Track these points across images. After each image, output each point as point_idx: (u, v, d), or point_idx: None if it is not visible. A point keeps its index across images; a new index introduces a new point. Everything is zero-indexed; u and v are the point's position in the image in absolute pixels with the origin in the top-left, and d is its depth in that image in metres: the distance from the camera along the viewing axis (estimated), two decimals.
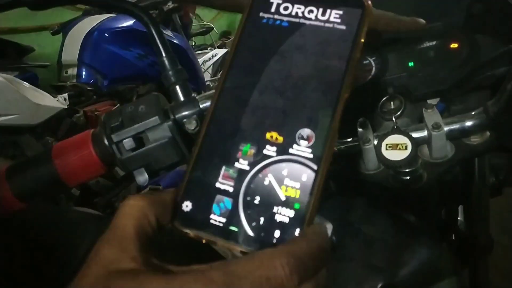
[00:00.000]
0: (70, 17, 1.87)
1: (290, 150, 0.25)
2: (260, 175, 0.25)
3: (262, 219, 0.24)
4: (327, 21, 0.27)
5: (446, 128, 0.52)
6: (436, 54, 0.57)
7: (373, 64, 0.62)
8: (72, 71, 1.68)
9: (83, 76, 1.66)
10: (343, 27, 0.27)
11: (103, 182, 1.27)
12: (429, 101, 0.58)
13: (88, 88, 1.56)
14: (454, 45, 0.58)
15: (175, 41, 1.86)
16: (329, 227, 0.43)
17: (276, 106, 0.26)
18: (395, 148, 0.51)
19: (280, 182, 0.25)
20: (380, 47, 0.56)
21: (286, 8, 0.28)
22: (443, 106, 0.55)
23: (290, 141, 0.25)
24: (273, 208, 0.24)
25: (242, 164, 0.26)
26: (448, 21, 0.60)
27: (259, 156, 0.26)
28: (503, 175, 0.64)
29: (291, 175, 0.25)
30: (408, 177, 0.55)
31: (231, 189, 0.25)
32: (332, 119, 0.25)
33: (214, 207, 0.25)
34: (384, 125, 0.59)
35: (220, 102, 0.27)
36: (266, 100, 0.27)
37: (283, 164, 0.25)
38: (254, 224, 0.24)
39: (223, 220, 0.25)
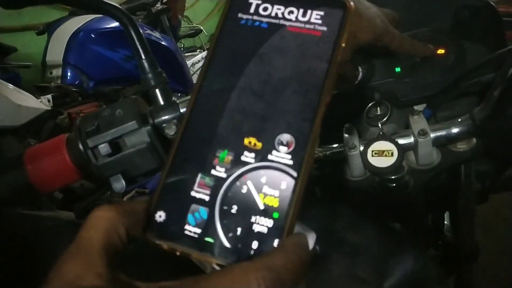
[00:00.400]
0: (56, 17, 1.84)
1: (269, 157, 0.24)
2: (237, 183, 0.24)
3: (239, 230, 0.23)
4: (308, 22, 0.26)
5: (432, 135, 0.51)
6: (423, 59, 0.57)
7: (360, 69, 0.61)
8: (57, 72, 1.64)
9: (68, 77, 1.63)
10: (324, 28, 0.26)
11: (87, 185, 1.24)
12: (415, 107, 0.57)
13: (73, 89, 1.53)
14: (440, 51, 0.57)
15: (163, 43, 1.84)
16: (312, 237, 0.42)
17: (255, 111, 0.25)
18: (381, 154, 0.50)
19: (259, 190, 0.24)
20: (367, 52, 0.55)
21: (265, 9, 0.27)
22: (429, 112, 0.54)
23: (269, 147, 0.24)
24: (251, 218, 0.23)
25: (219, 172, 0.24)
26: (435, 27, 0.59)
27: (237, 163, 0.24)
28: (489, 182, 0.63)
29: (270, 183, 0.24)
30: (394, 184, 0.54)
31: (207, 198, 0.24)
32: (312, 124, 0.24)
33: (189, 217, 0.24)
34: (370, 131, 0.59)
35: (197, 106, 0.26)
36: (244, 104, 0.25)
37: (262, 171, 0.24)
38: (230, 235, 0.23)
39: (199, 231, 0.24)
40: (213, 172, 0.25)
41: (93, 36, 1.66)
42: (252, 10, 0.27)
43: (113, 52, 1.66)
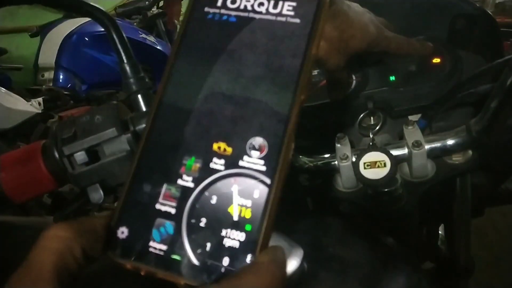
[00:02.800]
0: (51, 19, 1.82)
1: (240, 163, 0.22)
2: (206, 193, 0.22)
3: (208, 245, 0.21)
4: (279, 14, 0.24)
5: (427, 146, 0.50)
6: (418, 68, 0.56)
7: (353, 77, 0.60)
8: (49, 75, 1.62)
9: (60, 80, 1.61)
10: (297, 20, 0.24)
11: (77, 189, 1.21)
12: (410, 117, 0.55)
13: (65, 92, 1.51)
14: (436, 60, 0.56)
15: (158, 47, 1.82)
16: (299, 254, 0.40)
17: (224, 113, 0.23)
18: (374, 166, 0.48)
19: (229, 200, 0.22)
20: (361, 60, 0.54)
21: (233, 2, 0.25)
22: (424, 123, 0.53)
23: (240, 152, 0.22)
24: (221, 231, 0.21)
25: (186, 181, 0.22)
26: (431, 35, 0.58)
27: (205, 171, 0.22)
28: (485, 195, 0.62)
29: (241, 192, 0.22)
30: (387, 197, 0.52)
31: (173, 211, 0.22)
32: (287, 125, 0.22)
33: (154, 232, 0.22)
34: (363, 141, 0.57)
35: (161, 110, 0.24)
36: (212, 106, 0.24)
37: (232, 179, 0.22)
38: (199, 251, 0.21)
39: (164, 247, 0.22)
40: (179, 182, 0.23)
41: (86, 39, 1.64)
42: (219, 3, 0.25)
43: (107, 56, 1.64)
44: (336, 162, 0.53)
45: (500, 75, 0.46)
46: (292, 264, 0.38)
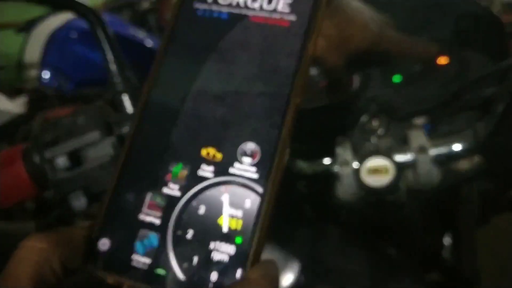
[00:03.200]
0: (37, 14, 1.77)
1: (231, 170, 0.21)
2: (193, 203, 0.21)
3: (195, 259, 0.20)
4: (274, 11, 0.23)
5: (432, 152, 0.48)
6: (423, 69, 0.54)
7: (355, 78, 0.58)
8: (34, 73, 1.58)
9: (46, 78, 1.56)
10: (293, 18, 0.23)
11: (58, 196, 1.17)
12: (414, 121, 0.53)
13: (51, 91, 1.47)
14: (442, 61, 0.54)
15: (147, 44, 1.78)
16: (295, 267, 0.37)
17: (214, 116, 0.22)
18: (376, 172, 0.46)
19: (218, 211, 0.21)
20: (363, 59, 0.51)
21: None
22: (429, 127, 0.50)
23: (230, 158, 0.22)
24: (209, 244, 0.20)
25: (172, 189, 0.22)
26: (436, 36, 0.56)
27: (193, 179, 0.22)
28: (492, 202, 0.60)
29: (231, 201, 0.21)
30: (389, 205, 0.50)
31: (158, 222, 0.21)
32: (281, 130, 0.21)
33: (137, 245, 0.21)
34: (365, 146, 0.54)
35: (146, 112, 0.23)
36: (201, 108, 0.22)
37: (222, 188, 0.21)
38: (185, 265, 0.20)
39: (148, 261, 0.21)
40: (165, 190, 0.21)
41: (74, 35, 1.59)
42: None
43: (96, 53, 1.58)
44: (336, 168, 0.50)
45: (507, 77, 0.45)
46: (288, 278, 0.36)
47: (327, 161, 0.52)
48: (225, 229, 0.21)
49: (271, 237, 0.36)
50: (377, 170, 0.47)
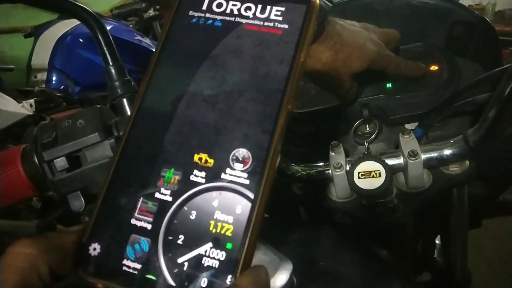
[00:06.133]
0: (46, 20, 1.80)
1: (223, 176, 0.21)
2: (185, 208, 0.21)
3: (186, 264, 0.20)
4: (267, 19, 0.23)
5: (423, 156, 0.48)
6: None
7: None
8: (42, 76, 1.60)
9: (53, 82, 1.58)
10: (286, 26, 0.23)
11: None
12: (407, 126, 0.54)
13: (58, 94, 1.48)
14: (434, 67, 0.55)
15: (153, 50, 1.80)
16: (288, 268, 0.38)
17: (207, 122, 0.22)
18: (368, 176, 0.47)
19: (210, 216, 0.21)
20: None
21: (219, 5, 0.24)
22: (421, 132, 0.51)
23: (222, 164, 0.21)
24: (200, 250, 0.20)
25: (164, 194, 0.21)
26: (429, 42, 0.57)
27: (185, 184, 0.21)
28: (482, 206, 0.60)
29: (223, 207, 0.21)
30: (382, 208, 0.50)
31: (149, 227, 0.21)
32: (272, 136, 0.21)
33: (128, 250, 0.21)
34: (358, 150, 0.55)
35: (140, 117, 0.23)
36: (194, 114, 0.22)
37: (214, 193, 0.21)
38: (176, 270, 0.20)
39: (139, 266, 0.20)
40: (157, 195, 0.21)
41: (81, 40, 1.62)
42: (204, 6, 0.24)
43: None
44: (329, 171, 0.51)
45: (499, 84, 0.45)
46: (281, 279, 0.36)
47: (321, 164, 0.53)
48: (215, 235, 0.20)
49: (265, 238, 0.37)
50: (369, 173, 0.47)
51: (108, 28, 1.49)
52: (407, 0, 0.62)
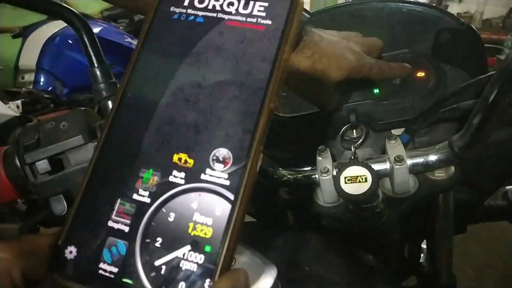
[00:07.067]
0: (35, 20, 1.78)
1: (203, 176, 0.21)
2: (163, 210, 0.21)
3: (163, 268, 0.20)
4: (250, 15, 0.23)
5: (409, 162, 0.48)
6: (402, 82, 0.55)
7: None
8: (29, 77, 1.58)
9: (41, 83, 1.57)
10: (269, 22, 0.23)
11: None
12: (393, 132, 0.54)
13: (45, 95, 1.47)
14: (421, 74, 0.55)
15: None
16: (272, 272, 0.38)
17: (187, 121, 0.22)
18: (355, 180, 0.47)
19: (188, 218, 0.20)
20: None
21: (201, 1, 0.24)
22: (407, 138, 0.51)
23: (202, 164, 0.21)
24: (178, 253, 0.20)
25: (142, 196, 0.21)
26: (416, 49, 0.57)
27: (164, 185, 0.21)
28: (468, 212, 0.61)
29: (202, 209, 0.20)
30: (368, 213, 0.51)
31: (126, 229, 0.21)
32: (253, 136, 0.21)
33: (105, 253, 0.20)
34: (345, 155, 0.55)
35: (118, 117, 0.22)
36: (174, 113, 0.22)
37: (193, 195, 0.21)
38: (153, 274, 0.20)
39: (115, 270, 0.20)
40: (135, 196, 0.21)
41: (69, 41, 1.61)
42: (186, 2, 0.24)
43: None
44: (316, 176, 0.51)
45: (484, 90, 0.46)
46: (266, 284, 0.36)
47: (308, 169, 0.53)
48: (194, 237, 0.20)
49: (251, 242, 0.37)
50: (355, 178, 0.47)
51: (98, 30, 1.48)
52: (397, 7, 0.62)
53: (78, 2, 2.19)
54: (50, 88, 1.59)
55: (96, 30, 1.65)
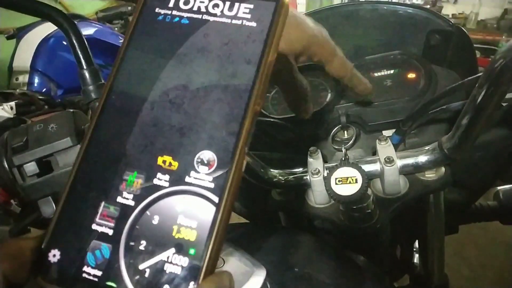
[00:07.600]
0: (29, 21, 1.77)
1: (187, 179, 0.21)
2: (147, 213, 0.20)
3: (148, 271, 0.20)
4: (235, 17, 0.23)
5: (399, 163, 0.48)
6: (393, 83, 0.55)
7: (329, 90, 0.59)
8: (23, 78, 1.57)
9: (35, 84, 1.56)
10: (254, 24, 0.23)
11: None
12: (384, 133, 0.54)
13: (40, 97, 1.46)
14: (411, 75, 0.55)
15: None
16: (261, 274, 0.38)
17: (171, 123, 0.22)
18: (345, 181, 0.47)
19: (172, 221, 0.20)
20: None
21: (186, 2, 0.23)
22: (398, 139, 0.52)
23: (187, 167, 0.21)
24: (162, 256, 0.20)
25: (126, 199, 0.21)
26: (407, 51, 0.58)
27: (148, 188, 0.21)
28: (459, 212, 0.61)
29: (186, 211, 0.20)
30: (358, 213, 0.51)
31: (110, 232, 0.20)
32: (238, 138, 0.21)
33: (88, 256, 0.20)
34: (336, 156, 0.56)
35: (102, 119, 0.22)
36: (159, 115, 0.22)
37: (177, 197, 0.21)
38: (137, 277, 0.20)
39: (99, 273, 0.20)
40: (119, 199, 0.21)
41: (64, 42, 1.60)
42: (171, 3, 0.24)
43: None
44: (308, 177, 0.51)
45: (473, 91, 0.46)
46: (254, 285, 0.36)
47: (299, 170, 0.53)
48: (178, 240, 0.20)
49: (242, 244, 0.37)
50: (346, 179, 0.47)
51: (92, 31, 1.46)
52: (391, 9, 0.62)
53: (73, 3, 2.19)
54: (45, 89, 1.59)
55: (90, 31, 1.65)
